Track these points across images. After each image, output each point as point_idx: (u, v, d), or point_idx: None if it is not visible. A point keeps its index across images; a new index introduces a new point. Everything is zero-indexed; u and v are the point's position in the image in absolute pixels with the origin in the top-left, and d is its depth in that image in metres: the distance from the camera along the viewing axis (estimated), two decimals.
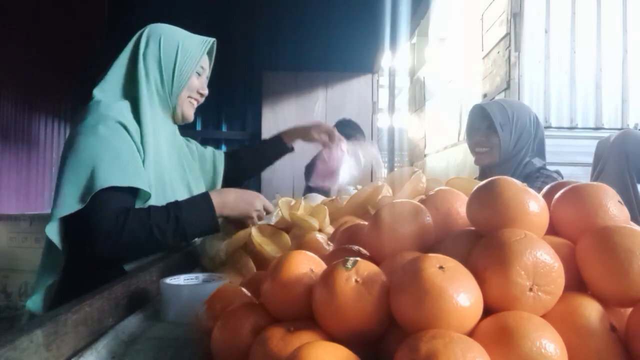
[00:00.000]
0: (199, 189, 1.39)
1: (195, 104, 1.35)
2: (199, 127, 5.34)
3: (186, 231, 1.10)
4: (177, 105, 1.28)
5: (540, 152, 1.70)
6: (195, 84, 1.30)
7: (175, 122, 1.35)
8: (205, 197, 1.16)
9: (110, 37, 5.07)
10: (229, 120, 5.58)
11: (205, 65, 1.35)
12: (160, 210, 1.10)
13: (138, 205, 1.13)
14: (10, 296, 2.45)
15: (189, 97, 1.30)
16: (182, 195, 1.23)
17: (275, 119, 5.10)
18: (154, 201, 1.15)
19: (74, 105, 4.59)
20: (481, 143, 1.71)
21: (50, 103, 4.31)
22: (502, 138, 1.63)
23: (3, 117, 3.65)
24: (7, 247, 2.48)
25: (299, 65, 5.15)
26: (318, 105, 5.22)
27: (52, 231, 1.07)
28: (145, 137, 1.18)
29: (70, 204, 1.03)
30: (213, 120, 5.47)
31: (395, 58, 6.03)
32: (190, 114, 1.34)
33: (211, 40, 1.32)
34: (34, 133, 4.10)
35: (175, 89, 1.25)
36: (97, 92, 1.18)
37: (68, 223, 1.07)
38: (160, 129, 1.25)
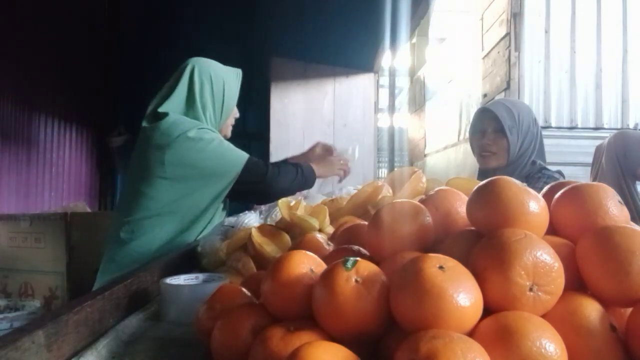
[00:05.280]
0: None
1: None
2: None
3: (306, 178, 1.59)
4: (221, 130, 1.62)
5: (541, 152, 1.69)
6: (235, 111, 1.66)
7: None
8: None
9: (109, 37, 5.07)
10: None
11: None
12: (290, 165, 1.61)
13: None
14: (10, 296, 2.44)
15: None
16: None
17: (284, 111, 4.97)
18: None
19: (74, 105, 4.59)
20: (488, 147, 1.65)
21: (50, 103, 4.31)
22: (511, 142, 1.59)
23: (3, 117, 3.65)
24: (7, 247, 2.48)
25: (307, 55, 5.03)
26: (327, 100, 5.13)
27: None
28: None
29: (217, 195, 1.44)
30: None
31: (395, 58, 6.01)
32: (229, 134, 1.68)
33: (240, 72, 1.64)
34: (34, 133, 4.10)
35: (223, 119, 1.60)
36: (166, 110, 1.45)
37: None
38: None
